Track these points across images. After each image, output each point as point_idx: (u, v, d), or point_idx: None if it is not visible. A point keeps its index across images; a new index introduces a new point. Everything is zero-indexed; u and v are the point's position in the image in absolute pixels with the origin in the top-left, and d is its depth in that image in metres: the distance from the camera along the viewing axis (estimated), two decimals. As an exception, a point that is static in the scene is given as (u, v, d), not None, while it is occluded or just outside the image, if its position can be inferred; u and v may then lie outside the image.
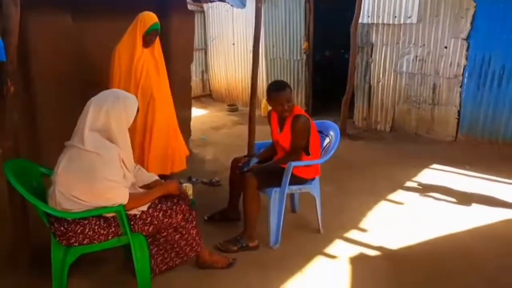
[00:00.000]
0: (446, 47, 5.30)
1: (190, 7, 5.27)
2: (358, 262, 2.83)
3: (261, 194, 2.94)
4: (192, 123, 5.20)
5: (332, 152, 3.02)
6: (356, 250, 2.97)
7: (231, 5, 4.36)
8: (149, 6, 3.49)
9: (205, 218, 3.39)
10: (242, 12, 7.07)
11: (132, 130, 3.03)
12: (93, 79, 3.55)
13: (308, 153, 2.95)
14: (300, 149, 2.92)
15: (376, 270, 2.74)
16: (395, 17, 5.63)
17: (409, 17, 5.50)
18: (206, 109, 7.78)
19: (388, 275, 2.68)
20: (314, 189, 3.10)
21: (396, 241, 3.06)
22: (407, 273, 2.70)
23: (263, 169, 2.95)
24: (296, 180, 2.95)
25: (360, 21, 5.60)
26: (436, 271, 2.72)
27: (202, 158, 5.08)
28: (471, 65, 5.13)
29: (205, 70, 8.57)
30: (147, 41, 3.13)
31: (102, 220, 2.17)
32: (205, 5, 7.95)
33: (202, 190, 4.03)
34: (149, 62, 3.20)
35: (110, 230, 2.20)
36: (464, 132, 5.36)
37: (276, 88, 2.93)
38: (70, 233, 2.12)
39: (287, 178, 2.87)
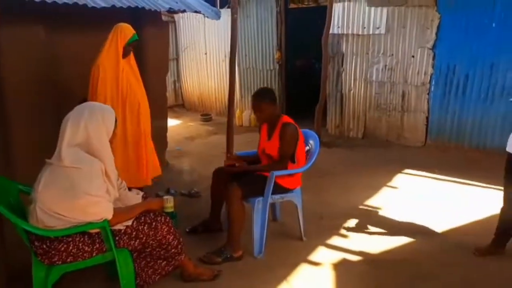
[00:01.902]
0: (413, 57, 5.53)
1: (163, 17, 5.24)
2: (341, 268, 2.88)
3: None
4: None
5: (313, 160, 3.09)
6: (339, 256, 3.02)
7: (206, 16, 4.37)
8: (123, 18, 3.46)
9: (187, 230, 3.36)
10: (214, 22, 7.09)
11: (121, 142, 3.02)
12: (67, 92, 3.47)
13: (294, 161, 3.00)
14: (287, 157, 2.97)
15: (358, 275, 2.79)
16: (364, 28, 5.83)
17: (378, 28, 5.71)
18: (179, 119, 7.72)
19: (371, 279, 2.74)
20: (296, 197, 3.15)
21: (375, 246, 3.14)
22: (388, 277, 2.77)
23: (247, 179, 2.97)
24: (280, 189, 2.99)
25: (330, 31, 5.76)
26: (415, 273, 2.80)
27: (179, 169, 5.04)
28: (437, 73, 5.38)
29: (177, 79, 8.52)
30: (126, 52, 3.12)
31: (86, 236, 2.12)
32: (176, 15, 7.93)
33: (182, 202, 3.98)
34: (129, 73, 3.19)
35: (95, 247, 2.14)
36: (433, 137, 5.59)
37: (253, 95, 3.08)
38: (52, 252, 2.05)
39: (270, 187, 2.89)
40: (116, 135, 2.30)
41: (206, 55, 7.83)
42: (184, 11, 4.02)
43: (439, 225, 3.45)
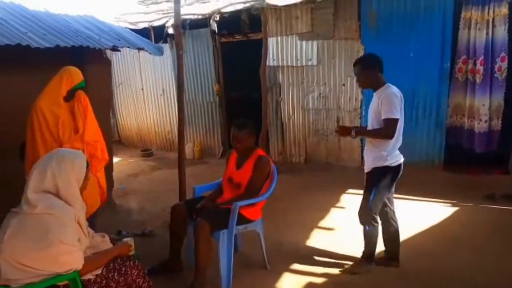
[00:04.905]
0: (344, 85, 5.99)
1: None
2: (308, 292, 2.97)
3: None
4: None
5: (272, 189, 3.20)
6: (304, 280, 3.11)
7: (150, 53, 4.39)
8: (66, 57, 3.38)
9: (145, 271, 3.22)
10: (150, 58, 7.09)
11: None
12: (4, 139, 3.27)
13: (258, 194, 3.08)
14: (256, 190, 3.05)
15: (326, 297, 2.91)
16: (298, 60, 6.21)
17: (310, 60, 6.12)
18: (118, 156, 7.41)
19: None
20: (258, 226, 3.20)
21: (337, 266, 3.29)
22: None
23: (214, 212, 2.97)
24: (243, 220, 3.03)
25: (267, 64, 6.05)
26: (376, 286, 2.99)
27: (127, 209, 4.85)
28: (367, 99, 5.85)
29: (112, 115, 8.23)
30: (69, 97, 3.03)
31: (53, 290, 1.98)
32: (108, 51, 7.77)
33: (136, 243, 3.81)
34: (69, 119, 3.07)
35: (63, 301, 2.00)
36: (368, 158, 6.01)
37: (235, 126, 3.12)
38: (16, 311, 1.88)
39: (234, 219, 2.93)
40: (89, 179, 2.22)
41: (143, 91, 7.73)
42: (128, 48, 4.00)
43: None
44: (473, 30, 5.10)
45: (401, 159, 3.09)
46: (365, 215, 3.10)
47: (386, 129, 2.90)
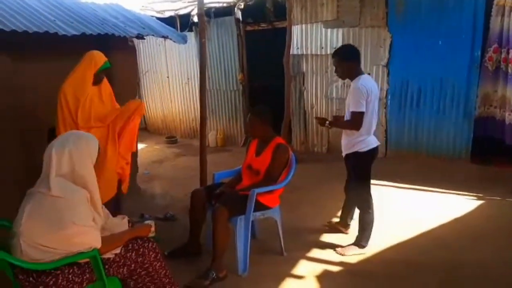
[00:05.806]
0: (369, 74, 5.85)
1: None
2: (324, 279, 2.98)
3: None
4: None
5: (290, 177, 3.21)
6: (320, 268, 3.13)
7: (174, 41, 4.45)
8: (92, 44, 3.46)
9: (166, 253, 3.32)
10: (176, 46, 7.17)
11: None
12: (33, 120, 3.40)
13: (276, 181, 3.11)
14: (274, 178, 3.08)
15: (341, 286, 2.90)
16: (322, 48, 6.14)
17: (335, 48, 5.99)
18: (143, 143, 7.61)
19: None
20: (275, 213, 3.23)
21: (354, 256, 3.27)
22: (368, 284, 2.91)
23: (232, 198, 3.02)
24: (260, 207, 3.06)
25: (290, 52, 5.99)
26: (392, 278, 2.96)
27: (151, 194, 4.98)
28: (393, 88, 5.74)
29: (139, 103, 8.43)
30: (97, 80, 3.10)
31: (75, 267, 2.07)
32: (135, 39, 7.91)
33: (158, 226, 3.93)
34: (96, 102, 3.15)
35: (85, 277, 2.10)
36: (392, 148, 5.92)
37: (250, 111, 3.28)
38: (40, 287, 1.98)
39: (251, 205, 2.96)
40: (99, 164, 2.29)
41: (169, 78, 7.85)
42: (153, 36, 4.07)
43: (410, 232, 3.65)
44: (507, 17, 4.88)
45: (373, 145, 3.29)
46: (357, 201, 3.40)
47: (352, 122, 3.17)
